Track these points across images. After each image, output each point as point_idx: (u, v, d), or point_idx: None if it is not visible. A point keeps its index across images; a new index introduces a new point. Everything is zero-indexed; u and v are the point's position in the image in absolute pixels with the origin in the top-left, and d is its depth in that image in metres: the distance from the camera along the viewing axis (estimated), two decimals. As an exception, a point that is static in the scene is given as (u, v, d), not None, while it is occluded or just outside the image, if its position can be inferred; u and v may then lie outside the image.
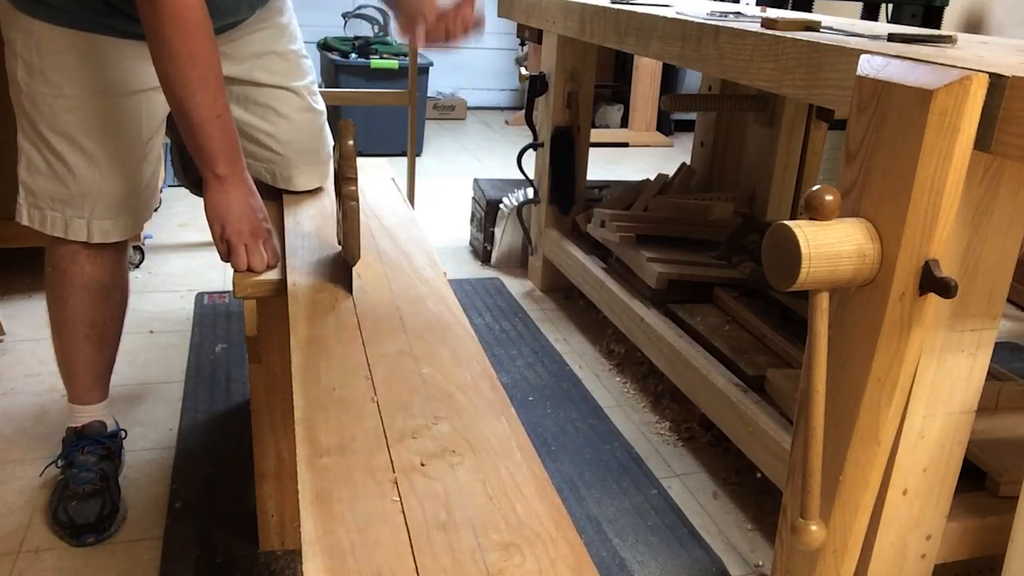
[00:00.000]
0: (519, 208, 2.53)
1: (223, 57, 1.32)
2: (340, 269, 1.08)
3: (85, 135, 1.23)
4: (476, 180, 2.76)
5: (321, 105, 1.45)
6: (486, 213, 2.63)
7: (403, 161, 2.75)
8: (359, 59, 3.84)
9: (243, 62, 1.34)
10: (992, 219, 0.94)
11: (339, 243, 1.13)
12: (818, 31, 1.25)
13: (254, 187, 1.19)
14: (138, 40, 1.20)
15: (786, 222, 0.87)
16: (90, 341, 1.40)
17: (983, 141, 0.85)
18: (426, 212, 3.09)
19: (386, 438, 0.75)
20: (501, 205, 2.60)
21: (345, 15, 4.38)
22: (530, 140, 2.41)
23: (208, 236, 1.16)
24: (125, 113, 1.25)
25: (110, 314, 1.41)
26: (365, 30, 4.29)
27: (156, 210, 1.43)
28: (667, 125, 4.70)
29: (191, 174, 1.52)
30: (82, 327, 1.38)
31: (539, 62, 2.40)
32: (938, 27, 2.65)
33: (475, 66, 5.18)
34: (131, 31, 1.20)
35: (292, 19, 1.43)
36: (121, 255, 1.41)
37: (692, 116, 3.33)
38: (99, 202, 1.28)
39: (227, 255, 1.15)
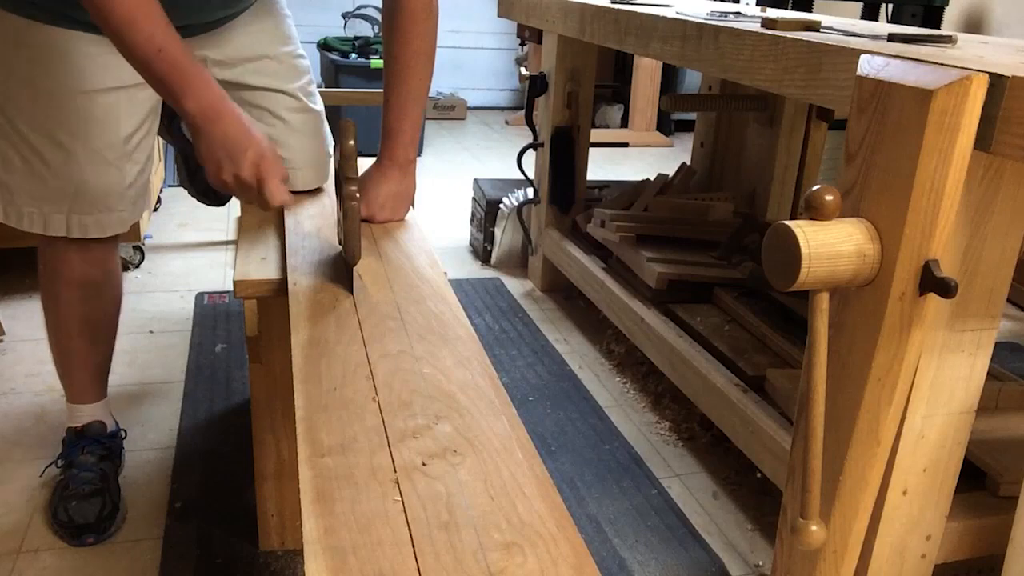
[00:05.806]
0: (519, 208, 2.53)
1: (213, 64, 1.31)
2: (341, 269, 1.08)
3: (62, 130, 1.22)
4: (476, 180, 2.76)
5: (319, 105, 1.44)
6: (486, 213, 2.62)
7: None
8: (359, 59, 3.84)
9: (234, 67, 1.33)
10: (992, 219, 0.95)
11: (340, 243, 1.13)
12: (818, 31, 1.25)
13: (238, 114, 1.10)
14: None
15: (786, 222, 0.87)
16: (84, 338, 1.40)
17: (983, 141, 0.85)
18: (426, 212, 3.09)
19: (387, 438, 0.75)
20: (501, 205, 2.60)
21: (345, 15, 4.39)
22: (530, 140, 2.41)
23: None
24: (103, 109, 1.23)
25: (103, 311, 1.41)
26: (365, 30, 4.29)
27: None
28: (667, 125, 4.70)
29: (198, 183, 1.51)
30: (75, 324, 1.38)
31: (539, 62, 2.41)
32: (938, 27, 2.65)
33: (475, 66, 5.18)
34: None
35: (285, 19, 1.41)
36: (111, 252, 1.40)
37: (692, 116, 3.34)
38: (78, 197, 1.26)
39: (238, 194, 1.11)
